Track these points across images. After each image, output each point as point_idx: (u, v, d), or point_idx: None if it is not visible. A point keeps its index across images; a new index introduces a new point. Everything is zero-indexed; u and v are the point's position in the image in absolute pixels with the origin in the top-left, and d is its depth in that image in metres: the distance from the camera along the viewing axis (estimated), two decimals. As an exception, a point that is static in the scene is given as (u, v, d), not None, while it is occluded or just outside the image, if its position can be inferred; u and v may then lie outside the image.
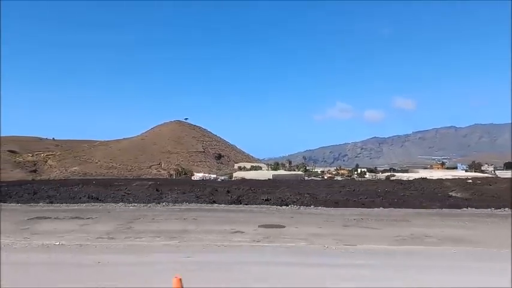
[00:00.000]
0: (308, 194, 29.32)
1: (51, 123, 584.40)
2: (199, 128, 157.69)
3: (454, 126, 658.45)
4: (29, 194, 35.72)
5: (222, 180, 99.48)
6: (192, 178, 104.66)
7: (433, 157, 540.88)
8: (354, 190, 36.53)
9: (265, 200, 26.21)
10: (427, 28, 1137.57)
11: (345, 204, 24.76)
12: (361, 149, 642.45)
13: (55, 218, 19.57)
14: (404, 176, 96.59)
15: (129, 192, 38.16)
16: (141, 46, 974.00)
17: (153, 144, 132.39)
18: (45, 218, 19.71)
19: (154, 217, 19.55)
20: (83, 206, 25.86)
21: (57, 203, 28.60)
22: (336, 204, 24.58)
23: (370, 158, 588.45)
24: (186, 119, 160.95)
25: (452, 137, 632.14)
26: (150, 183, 52.14)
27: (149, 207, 25.07)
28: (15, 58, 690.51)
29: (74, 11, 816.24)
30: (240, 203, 25.36)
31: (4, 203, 28.14)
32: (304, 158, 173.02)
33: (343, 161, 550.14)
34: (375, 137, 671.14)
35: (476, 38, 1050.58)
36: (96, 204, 26.94)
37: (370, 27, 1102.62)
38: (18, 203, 27.71)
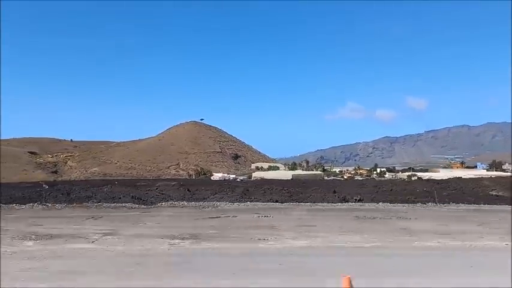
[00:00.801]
0: (358, 194, 29.32)
1: (68, 125, 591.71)
2: (215, 128, 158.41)
3: (467, 125, 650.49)
4: (62, 194, 36.06)
5: (242, 180, 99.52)
6: (212, 178, 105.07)
7: (446, 156, 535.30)
8: (391, 190, 36.33)
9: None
10: (439, 27, 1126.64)
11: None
12: (373, 148, 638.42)
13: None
14: (426, 176, 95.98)
15: (163, 192, 38.40)
16: (152, 48, 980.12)
17: (170, 145, 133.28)
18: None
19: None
20: (153, 207, 26.22)
21: (99, 203, 28.95)
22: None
23: (382, 158, 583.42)
24: (202, 119, 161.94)
25: (465, 136, 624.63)
26: (173, 183, 52.23)
27: (218, 207, 25.25)
28: (31, 60, 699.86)
29: (85, 11, 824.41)
30: (295, 201, 25.70)
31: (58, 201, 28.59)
32: (322, 157, 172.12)
33: (355, 160, 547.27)
34: (387, 137, 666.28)
35: (489, 36, 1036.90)
36: (138, 205, 27.25)
37: (382, 26, 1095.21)
38: (69, 203, 28.16)
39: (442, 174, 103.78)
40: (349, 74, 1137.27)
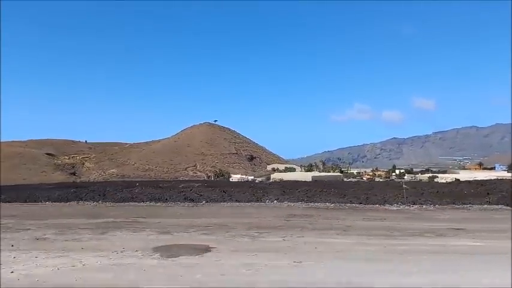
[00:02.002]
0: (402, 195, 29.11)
1: (77, 126, 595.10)
2: (229, 129, 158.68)
3: (475, 126, 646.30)
4: (99, 195, 36.37)
5: (261, 181, 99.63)
6: (230, 180, 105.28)
7: (454, 158, 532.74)
8: (437, 192, 36.05)
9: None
10: (446, 27, 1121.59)
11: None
12: (381, 149, 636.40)
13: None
14: (444, 177, 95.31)
15: (201, 193, 38.40)
16: (156, 50, 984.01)
17: (186, 146, 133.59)
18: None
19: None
20: (202, 204, 26.11)
21: (146, 202, 29.20)
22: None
23: (390, 159, 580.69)
24: (216, 121, 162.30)
25: (474, 137, 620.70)
26: (197, 184, 52.12)
27: (291, 207, 25.18)
28: (36, 59, 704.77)
29: (99, 12, 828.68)
30: (351, 203, 25.65)
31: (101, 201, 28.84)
32: (339, 159, 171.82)
33: (362, 162, 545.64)
34: (394, 138, 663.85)
35: (497, 37, 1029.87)
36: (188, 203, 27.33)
37: (390, 27, 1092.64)
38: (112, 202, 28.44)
39: (463, 175, 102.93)
40: (356, 75, 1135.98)
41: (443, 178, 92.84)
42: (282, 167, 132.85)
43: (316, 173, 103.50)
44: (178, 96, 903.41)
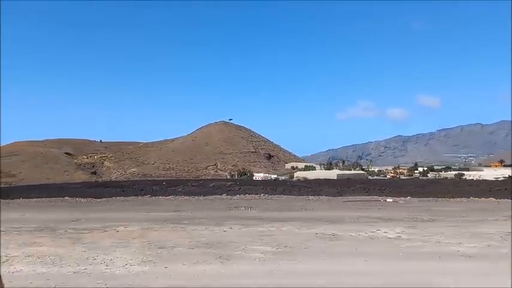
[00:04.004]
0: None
1: (93, 125, 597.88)
2: (245, 128, 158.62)
3: (480, 123, 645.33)
4: (153, 191, 36.80)
5: (284, 179, 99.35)
6: (254, 178, 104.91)
7: (459, 155, 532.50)
8: (505, 189, 35.92)
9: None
10: (451, 24, 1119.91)
11: None
12: (385, 147, 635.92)
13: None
14: (472, 175, 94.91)
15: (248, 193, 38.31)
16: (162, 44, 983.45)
17: (205, 145, 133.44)
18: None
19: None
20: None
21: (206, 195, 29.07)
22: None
23: (394, 157, 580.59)
24: (231, 119, 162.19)
25: (478, 135, 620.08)
26: (229, 183, 51.74)
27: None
28: (42, 56, 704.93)
29: (115, 6, 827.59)
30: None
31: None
32: (360, 157, 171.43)
33: (367, 160, 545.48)
34: (399, 136, 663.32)
35: (501, 33, 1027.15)
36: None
37: (394, 24, 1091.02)
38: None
39: (487, 172, 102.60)
40: (360, 73, 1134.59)
41: (470, 175, 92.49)
42: (300, 165, 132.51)
43: (343, 171, 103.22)
44: (185, 95, 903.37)
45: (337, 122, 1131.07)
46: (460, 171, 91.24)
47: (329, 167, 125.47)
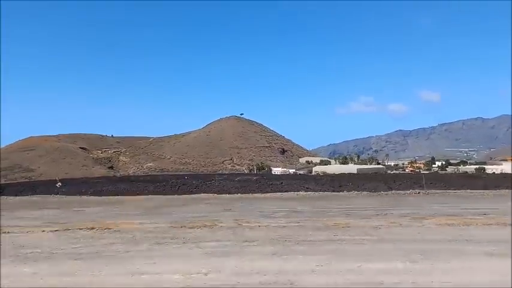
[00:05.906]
0: None
1: (103, 119, 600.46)
2: (257, 123, 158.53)
3: (481, 118, 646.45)
4: (194, 187, 36.32)
5: (303, 174, 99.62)
6: (273, 173, 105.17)
7: (460, 149, 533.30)
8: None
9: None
10: (451, 20, 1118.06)
11: None
12: (386, 142, 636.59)
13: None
14: (493, 169, 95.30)
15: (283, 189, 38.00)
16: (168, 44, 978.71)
17: (219, 140, 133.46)
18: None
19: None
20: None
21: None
22: None
23: (395, 152, 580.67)
24: (242, 114, 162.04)
25: (480, 129, 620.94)
26: (255, 178, 50.88)
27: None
28: (48, 54, 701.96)
29: (130, 5, 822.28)
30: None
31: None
32: (376, 151, 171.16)
33: (368, 154, 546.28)
34: (400, 130, 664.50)
35: (503, 28, 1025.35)
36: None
37: (395, 19, 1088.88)
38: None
39: (505, 167, 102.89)
40: (361, 68, 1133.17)
41: (492, 169, 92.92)
42: (315, 159, 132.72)
43: (362, 166, 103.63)
44: (194, 90, 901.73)
45: (338, 117, 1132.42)
46: (480, 165, 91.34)
47: (344, 161, 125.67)
